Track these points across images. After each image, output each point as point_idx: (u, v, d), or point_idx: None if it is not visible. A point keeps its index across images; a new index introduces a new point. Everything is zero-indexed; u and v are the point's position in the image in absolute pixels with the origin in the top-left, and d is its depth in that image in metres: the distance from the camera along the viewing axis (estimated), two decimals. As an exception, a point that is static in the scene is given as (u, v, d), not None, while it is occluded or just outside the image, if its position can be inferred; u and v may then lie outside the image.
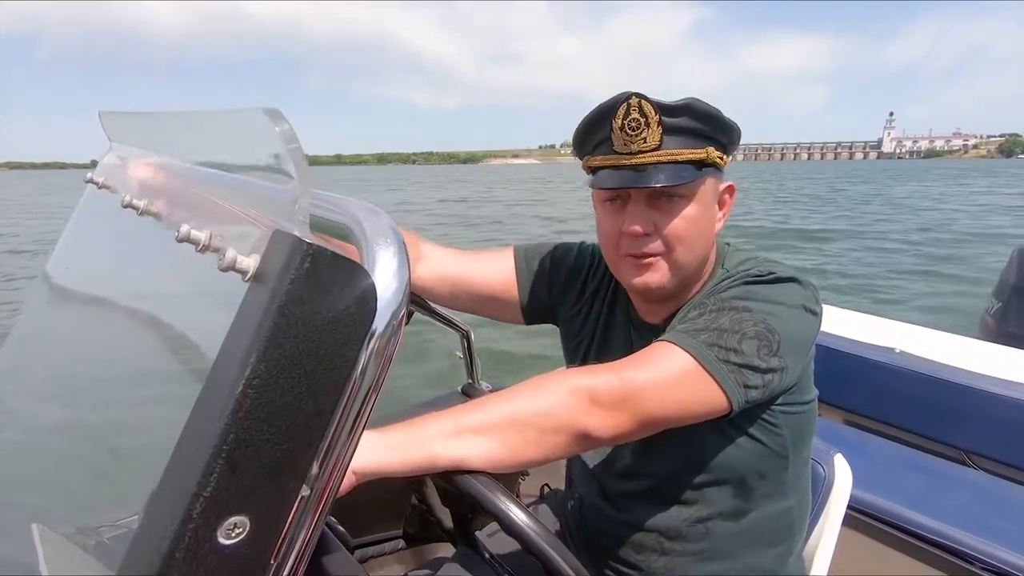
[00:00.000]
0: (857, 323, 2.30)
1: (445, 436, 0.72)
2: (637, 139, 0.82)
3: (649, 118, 0.81)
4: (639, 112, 0.81)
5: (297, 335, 0.34)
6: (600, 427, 0.74)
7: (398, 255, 0.40)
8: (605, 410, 0.74)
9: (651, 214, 0.85)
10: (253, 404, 0.34)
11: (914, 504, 1.46)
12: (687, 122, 0.83)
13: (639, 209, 0.85)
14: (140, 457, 0.53)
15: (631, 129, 0.82)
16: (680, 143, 0.83)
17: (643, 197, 0.85)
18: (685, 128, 0.83)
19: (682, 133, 0.83)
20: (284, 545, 0.37)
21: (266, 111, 0.37)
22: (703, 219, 0.87)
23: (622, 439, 0.77)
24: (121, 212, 0.62)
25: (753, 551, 0.93)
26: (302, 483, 0.37)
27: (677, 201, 0.85)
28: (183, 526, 0.32)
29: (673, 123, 0.82)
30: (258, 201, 0.44)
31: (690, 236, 0.86)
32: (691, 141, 0.83)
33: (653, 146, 0.82)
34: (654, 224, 0.85)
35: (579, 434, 0.74)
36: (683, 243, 0.86)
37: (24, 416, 0.85)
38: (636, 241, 0.86)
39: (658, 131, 0.82)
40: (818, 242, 13.29)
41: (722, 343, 0.77)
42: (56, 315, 0.87)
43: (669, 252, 0.86)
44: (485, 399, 0.77)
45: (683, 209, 0.85)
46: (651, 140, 0.82)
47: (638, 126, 0.82)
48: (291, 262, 0.34)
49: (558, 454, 0.76)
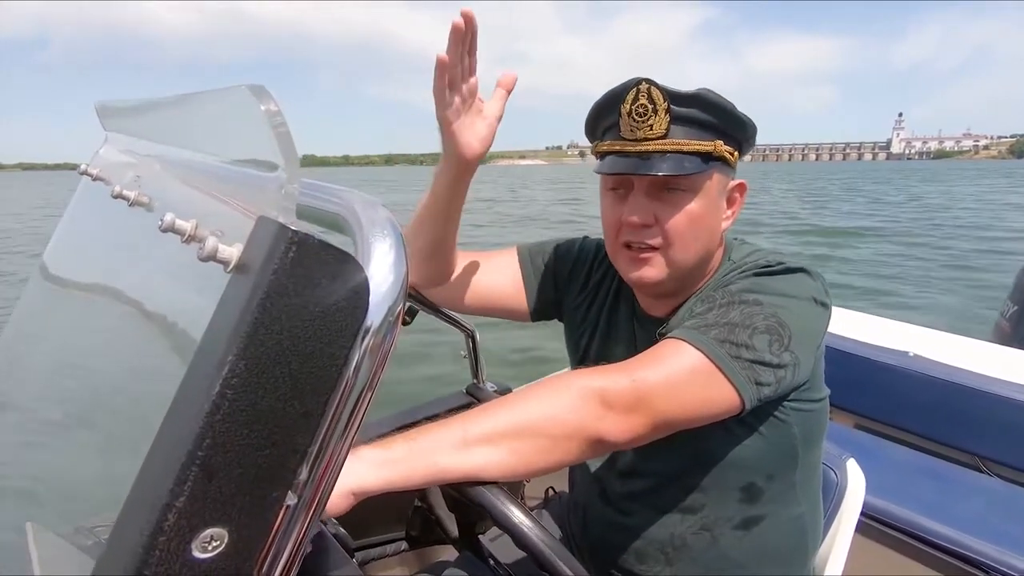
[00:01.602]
0: (870, 326, 2.26)
1: (452, 448, 0.68)
2: (643, 126, 0.80)
3: (657, 105, 0.79)
4: (647, 98, 0.79)
5: (281, 330, 0.32)
6: (613, 431, 0.71)
7: (395, 247, 0.38)
8: (618, 413, 0.71)
9: (652, 205, 0.83)
10: (232, 406, 0.31)
11: (928, 511, 1.44)
12: (696, 112, 0.80)
13: (640, 199, 0.83)
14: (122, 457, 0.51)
15: (638, 115, 0.80)
16: (687, 133, 0.81)
17: (645, 187, 0.83)
18: (694, 118, 0.80)
19: (690, 123, 0.81)
20: (268, 558, 0.34)
21: (251, 88, 0.34)
22: (707, 215, 0.84)
23: (636, 442, 0.73)
24: (112, 203, 0.60)
25: (763, 562, 0.89)
26: (287, 491, 0.34)
27: (680, 194, 0.82)
28: (154, 538, 0.30)
29: (682, 112, 0.80)
30: (245, 188, 0.42)
31: (691, 232, 0.83)
32: (699, 132, 0.81)
33: (659, 134, 0.80)
34: (655, 216, 0.83)
35: (592, 439, 0.71)
36: (682, 239, 0.83)
37: (15, 410, 0.84)
38: (635, 232, 0.84)
39: (665, 119, 0.79)
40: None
41: (733, 339, 0.74)
42: (46, 309, 0.86)
43: (667, 247, 0.83)
44: (492, 405, 0.73)
45: (686, 203, 0.82)
46: (657, 128, 0.80)
47: (645, 112, 0.80)
48: (275, 250, 0.31)
49: (570, 460, 0.73)
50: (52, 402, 0.79)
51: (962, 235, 13.88)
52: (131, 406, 0.61)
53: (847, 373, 1.99)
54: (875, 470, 1.17)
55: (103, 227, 0.77)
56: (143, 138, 0.73)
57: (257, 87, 0.34)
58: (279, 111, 0.34)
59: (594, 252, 1.06)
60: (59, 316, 0.82)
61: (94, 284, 0.78)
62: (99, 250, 0.78)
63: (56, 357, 0.81)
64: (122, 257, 0.69)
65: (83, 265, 0.81)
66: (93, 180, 0.78)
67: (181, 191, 0.59)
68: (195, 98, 0.49)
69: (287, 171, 0.34)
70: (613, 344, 0.99)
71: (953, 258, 10.80)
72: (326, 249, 0.33)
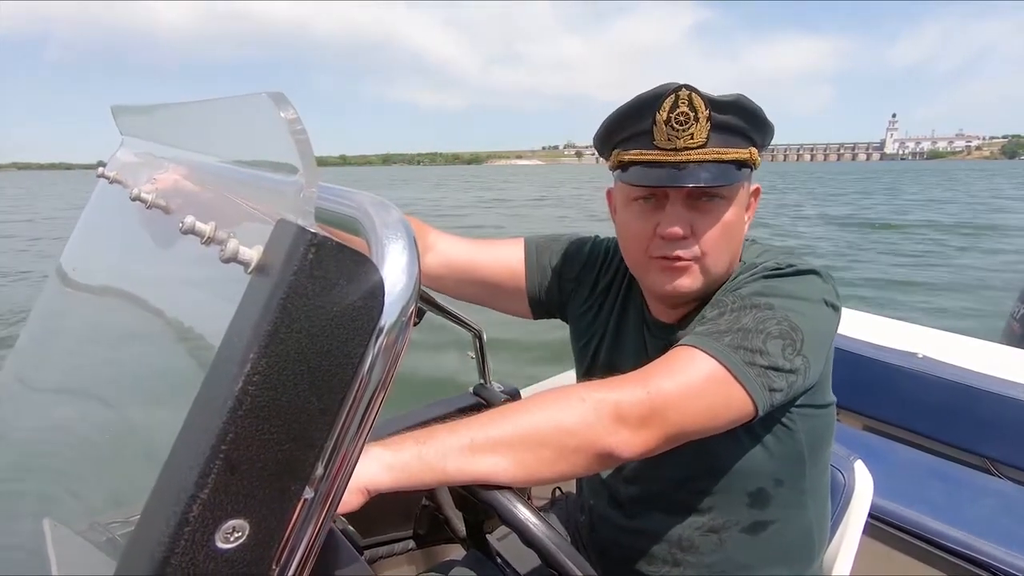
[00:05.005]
0: (878, 327, 2.25)
1: (459, 453, 0.67)
2: (684, 134, 0.77)
3: (699, 112, 0.76)
4: (688, 105, 0.76)
5: (300, 330, 0.33)
6: (625, 446, 0.69)
7: (408, 249, 0.39)
8: (631, 428, 0.69)
9: (690, 215, 0.80)
10: (253, 402, 0.32)
11: (937, 513, 1.43)
12: (734, 120, 0.78)
13: (677, 210, 0.80)
14: (145, 454, 0.52)
15: (678, 123, 0.77)
16: (726, 141, 0.78)
17: (681, 197, 0.80)
18: (732, 126, 0.78)
19: (728, 131, 0.78)
20: (286, 550, 0.36)
21: (271, 95, 0.35)
22: (738, 222, 0.83)
23: (646, 455, 0.72)
24: (130, 205, 0.61)
25: (771, 565, 0.89)
26: (305, 485, 0.35)
27: (718, 203, 0.80)
28: (179, 529, 0.31)
29: (721, 120, 0.77)
30: (264, 192, 0.43)
31: (724, 240, 0.82)
32: (736, 140, 0.79)
33: (700, 143, 0.77)
34: (691, 226, 0.80)
35: (602, 454, 0.69)
36: (718, 248, 0.81)
37: (35, 408, 0.85)
38: (670, 244, 0.81)
39: (706, 127, 0.77)
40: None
41: (748, 345, 0.73)
42: (65, 310, 0.87)
43: (703, 256, 0.81)
44: (501, 412, 0.71)
45: (723, 212, 0.80)
46: (699, 136, 0.77)
47: (686, 120, 0.76)
48: (294, 252, 0.33)
49: (577, 473, 0.72)
50: (71, 400, 0.81)
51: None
52: (149, 404, 0.62)
53: (856, 374, 1.98)
54: (883, 472, 1.17)
55: (121, 229, 0.78)
56: (159, 142, 0.74)
57: (277, 94, 0.35)
58: (298, 118, 0.35)
59: (603, 255, 1.04)
60: (78, 316, 0.84)
61: (112, 284, 0.79)
62: (117, 251, 0.80)
63: (74, 358, 0.82)
64: (140, 258, 0.71)
65: (101, 266, 0.83)
66: (110, 183, 0.79)
67: (197, 194, 0.60)
68: (213, 104, 0.50)
69: (306, 176, 0.35)
70: (622, 351, 0.97)
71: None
72: (343, 251, 0.34)
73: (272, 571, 0.35)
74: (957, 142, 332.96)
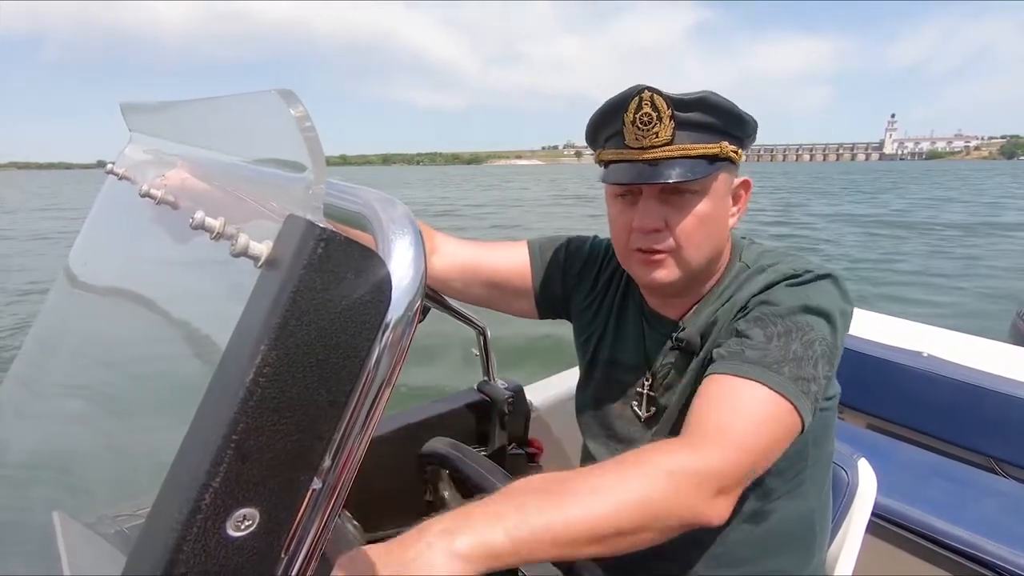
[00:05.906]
0: (883, 326, 2.25)
1: (553, 548, 0.56)
2: (649, 134, 0.80)
3: (661, 112, 0.79)
4: (651, 106, 0.79)
5: (310, 323, 0.33)
6: (723, 514, 0.67)
7: (414, 245, 0.39)
8: (727, 495, 0.67)
9: (662, 210, 0.84)
10: (264, 393, 0.33)
11: (941, 512, 1.43)
12: (700, 116, 0.81)
13: (650, 205, 0.84)
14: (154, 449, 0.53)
15: (643, 123, 0.80)
16: (693, 137, 0.81)
17: (655, 192, 0.84)
18: (698, 122, 0.81)
19: (695, 127, 0.81)
20: (295, 539, 0.36)
21: (280, 92, 0.36)
22: (715, 215, 0.86)
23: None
24: (139, 202, 0.62)
25: (772, 556, 0.90)
26: (313, 476, 0.36)
27: (689, 197, 0.83)
28: (192, 516, 0.32)
29: (686, 117, 0.80)
30: (273, 188, 0.43)
31: (700, 233, 0.84)
32: (704, 135, 0.81)
33: (665, 141, 0.80)
34: (665, 220, 0.84)
35: (700, 523, 0.65)
36: (692, 240, 0.84)
37: (45, 403, 0.86)
38: (646, 237, 0.85)
39: (670, 125, 0.80)
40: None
41: (803, 374, 0.75)
42: (76, 304, 0.88)
43: (679, 249, 0.84)
44: (575, 493, 0.59)
45: (695, 205, 0.83)
46: (663, 135, 0.80)
47: (650, 120, 0.80)
48: (304, 247, 0.33)
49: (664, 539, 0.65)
50: (81, 392, 0.82)
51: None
52: (159, 399, 0.63)
53: (860, 373, 1.98)
54: (887, 470, 1.17)
55: (130, 226, 0.79)
56: (168, 138, 0.75)
57: (286, 92, 0.36)
58: (307, 114, 0.35)
59: (603, 252, 1.07)
60: (88, 311, 0.84)
61: (122, 280, 0.80)
62: (126, 248, 0.80)
63: (85, 353, 0.83)
64: (149, 254, 0.71)
65: (110, 262, 0.83)
66: (119, 179, 0.80)
67: (206, 191, 0.61)
68: (222, 101, 0.51)
69: (315, 172, 0.35)
70: (623, 345, 0.99)
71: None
72: (351, 246, 0.34)
73: (281, 560, 0.36)
74: (956, 142, 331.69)
